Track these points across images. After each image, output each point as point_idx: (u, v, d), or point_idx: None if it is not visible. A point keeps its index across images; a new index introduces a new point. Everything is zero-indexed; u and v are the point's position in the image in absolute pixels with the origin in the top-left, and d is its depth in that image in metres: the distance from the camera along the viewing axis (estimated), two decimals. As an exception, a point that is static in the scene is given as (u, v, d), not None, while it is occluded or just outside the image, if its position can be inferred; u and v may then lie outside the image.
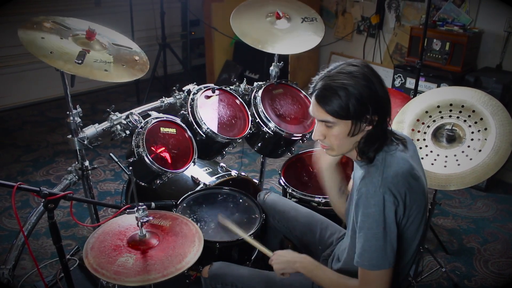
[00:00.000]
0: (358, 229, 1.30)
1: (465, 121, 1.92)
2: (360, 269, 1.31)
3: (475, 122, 1.90)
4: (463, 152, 1.90)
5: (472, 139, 1.90)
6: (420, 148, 1.97)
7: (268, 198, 1.92)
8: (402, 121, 2.04)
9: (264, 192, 1.98)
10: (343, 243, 1.58)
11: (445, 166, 1.91)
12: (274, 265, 1.51)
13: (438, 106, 1.98)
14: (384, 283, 1.28)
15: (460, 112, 1.94)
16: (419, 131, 2.00)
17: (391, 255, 1.27)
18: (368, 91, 1.24)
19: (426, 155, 1.95)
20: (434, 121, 1.98)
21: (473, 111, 1.91)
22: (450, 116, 1.96)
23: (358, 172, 1.41)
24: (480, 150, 1.86)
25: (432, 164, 1.93)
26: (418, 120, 2.01)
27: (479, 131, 1.89)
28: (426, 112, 2.00)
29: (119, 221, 1.57)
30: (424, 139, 1.99)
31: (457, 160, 1.90)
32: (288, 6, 2.50)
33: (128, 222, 1.53)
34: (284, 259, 1.50)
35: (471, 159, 1.87)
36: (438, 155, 1.95)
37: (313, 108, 1.31)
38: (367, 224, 1.26)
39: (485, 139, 1.86)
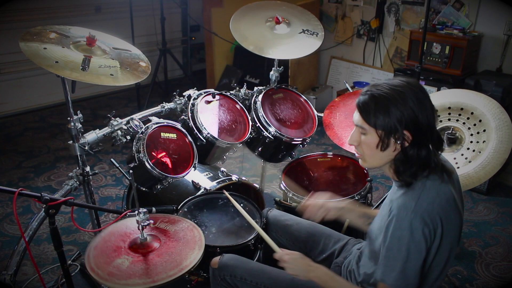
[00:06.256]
0: (386, 248, 1.30)
1: (464, 123, 1.93)
2: (381, 284, 1.31)
3: (474, 124, 1.91)
4: (462, 155, 1.90)
5: (471, 142, 1.90)
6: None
7: (270, 214, 1.94)
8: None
9: (266, 209, 2.01)
10: (363, 253, 1.58)
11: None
12: (288, 268, 1.50)
13: (436, 110, 1.99)
14: None
15: (460, 115, 1.94)
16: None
17: (413, 281, 1.27)
18: (401, 108, 1.25)
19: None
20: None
21: (472, 113, 1.91)
22: (449, 120, 1.96)
23: (395, 191, 1.40)
24: (479, 152, 1.86)
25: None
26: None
27: (478, 133, 1.90)
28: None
29: (127, 223, 1.57)
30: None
31: (456, 163, 1.90)
32: (291, 12, 2.51)
33: (136, 224, 1.53)
34: (299, 266, 1.49)
35: (470, 161, 1.88)
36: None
37: (355, 112, 1.36)
38: (395, 246, 1.27)
39: (484, 142, 1.87)
